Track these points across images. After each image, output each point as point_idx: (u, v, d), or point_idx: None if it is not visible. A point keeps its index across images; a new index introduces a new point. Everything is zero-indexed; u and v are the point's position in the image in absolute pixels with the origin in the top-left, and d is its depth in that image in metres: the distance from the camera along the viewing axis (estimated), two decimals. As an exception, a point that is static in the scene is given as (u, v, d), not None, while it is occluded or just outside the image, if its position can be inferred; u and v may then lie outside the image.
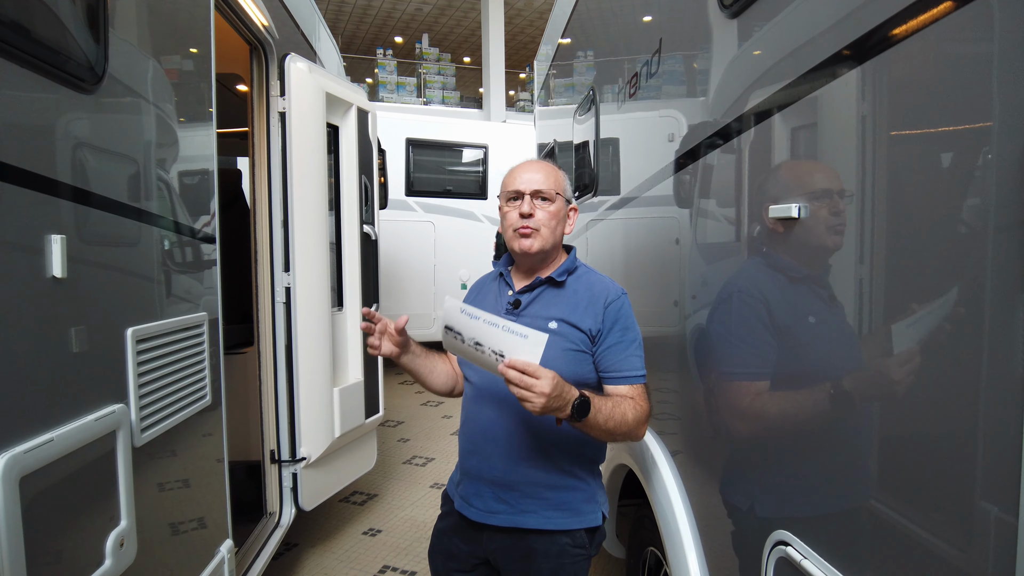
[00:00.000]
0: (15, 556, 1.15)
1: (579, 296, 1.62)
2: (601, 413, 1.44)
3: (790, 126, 1.28)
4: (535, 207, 1.61)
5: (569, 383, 1.39)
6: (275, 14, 2.89)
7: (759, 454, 1.44)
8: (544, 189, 1.62)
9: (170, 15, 1.95)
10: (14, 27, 1.20)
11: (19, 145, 1.23)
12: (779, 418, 1.33)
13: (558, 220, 1.64)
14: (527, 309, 1.64)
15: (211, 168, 2.16)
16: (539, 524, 1.59)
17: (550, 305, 1.63)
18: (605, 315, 1.59)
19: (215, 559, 2.14)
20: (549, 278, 1.65)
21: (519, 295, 1.66)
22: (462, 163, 8.31)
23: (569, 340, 1.57)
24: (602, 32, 3.14)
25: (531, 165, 1.69)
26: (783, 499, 1.33)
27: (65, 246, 1.31)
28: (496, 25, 13.32)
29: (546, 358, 1.35)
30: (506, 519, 1.60)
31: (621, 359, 1.59)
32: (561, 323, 1.58)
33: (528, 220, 1.61)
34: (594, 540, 1.66)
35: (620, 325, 1.60)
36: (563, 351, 1.56)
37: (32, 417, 1.25)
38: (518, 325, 1.34)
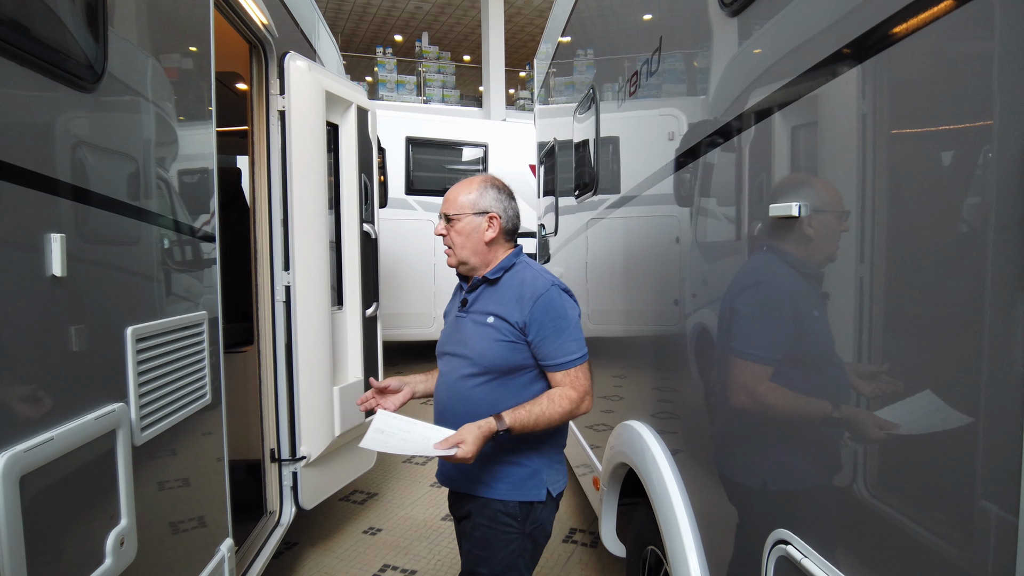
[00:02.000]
0: (15, 555, 1.15)
1: (511, 292, 1.83)
2: (526, 427, 1.71)
3: (790, 125, 1.28)
4: (446, 229, 1.89)
5: (506, 371, 1.78)
6: (274, 12, 2.88)
7: (761, 451, 1.44)
8: (449, 212, 1.88)
9: (169, 13, 1.94)
10: (13, 26, 1.20)
11: (18, 144, 1.22)
12: (786, 410, 1.33)
13: (466, 235, 1.87)
14: (472, 307, 1.88)
15: (211, 167, 2.16)
16: (481, 492, 1.83)
17: (488, 302, 1.85)
18: (532, 309, 1.77)
19: (215, 558, 2.14)
20: (484, 278, 1.88)
21: (467, 295, 1.91)
22: (462, 162, 8.30)
23: (501, 332, 1.79)
24: (602, 30, 3.14)
25: (452, 188, 1.92)
26: (784, 497, 1.33)
27: (65, 245, 1.31)
28: (496, 23, 13.31)
29: (481, 347, 1.79)
30: (460, 485, 1.88)
31: (555, 348, 1.78)
32: (496, 317, 1.81)
33: (444, 241, 1.90)
34: (529, 516, 1.83)
35: (550, 316, 1.78)
36: (495, 342, 1.79)
37: (32, 416, 1.25)
38: (433, 436, 1.67)
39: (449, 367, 1.89)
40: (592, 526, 3.71)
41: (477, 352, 1.81)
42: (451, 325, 1.95)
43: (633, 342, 2.53)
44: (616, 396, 2.74)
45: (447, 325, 1.99)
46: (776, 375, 1.33)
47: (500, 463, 1.82)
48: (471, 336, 1.84)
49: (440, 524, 3.76)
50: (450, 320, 1.97)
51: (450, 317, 1.98)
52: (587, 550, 3.46)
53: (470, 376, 1.82)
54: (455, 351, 1.88)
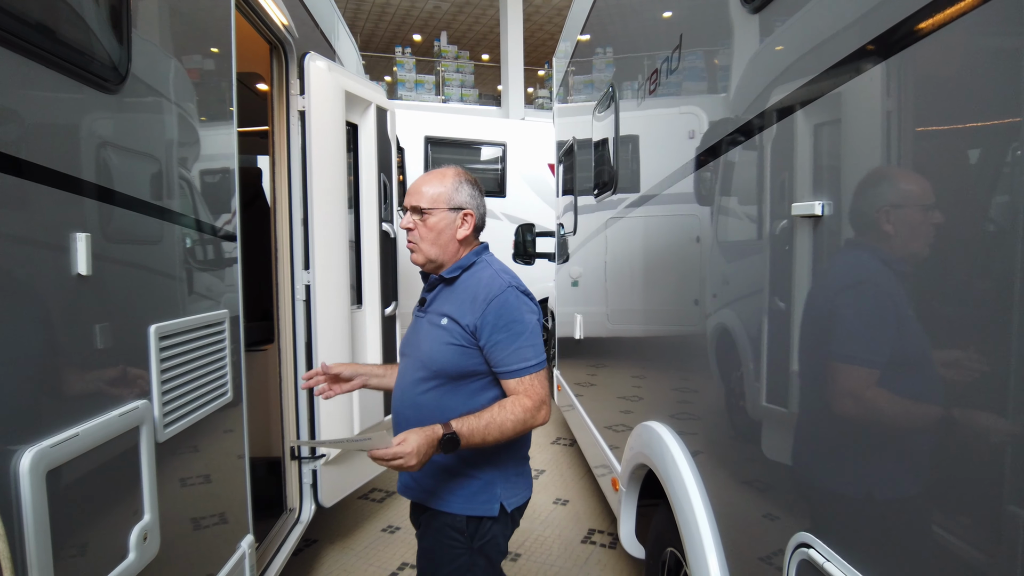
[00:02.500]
0: (42, 548, 1.17)
1: (466, 292, 1.72)
2: (475, 436, 1.58)
3: (813, 122, 1.26)
4: (414, 222, 1.75)
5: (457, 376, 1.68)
6: (295, 13, 2.90)
7: (784, 452, 1.43)
8: (419, 204, 1.74)
9: (191, 15, 1.97)
10: (40, 28, 1.22)
11: (45, 144, 1.24)
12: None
13: (438, 231, 1.74)
14: (429, 307, 1.80)
15: (232, 167, 2.18)
16: (432, 503, 1.76)
17: (444, 302, 1.76)
18: (485, 311, 1.66)
19: (236, 554, 2.16)
20: (441, 276, 1.78)
21: (426, 293, 1.83)
22: (480, 161, 8.30)
23: (452, 335, 1.68)
24: (621, 28, 3.12)
25: (419, 180, 1.79)
26: (807, 500, 1.31)
27: (90, 244, 1.33)
28: (514, 22, 13.30)
29: (431, 350, 1.69)
30: (413, 494, 1.80)
31: (508, 354, 1.65)
32: (449, 319, 1.70)
33: (410, 235, 1.76)
34: (478, 531, 1.72)
35: (504, 320, 1.65)
36: (445, 345, 1.68)
37: (58, 412, 1.27)
38: (358, 435, 1.61)
39: (404, 370, 1.81)
40: (611, 527, 3.70)
41: (428, 355, 1.71)
42: (411, 325, 1.89)
43: (652, 342, 2.52)
44: (635, 397, 2.73)
45: (410, 324, 1.91)
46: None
47: (454, 475, 1.73)
48: (424, 338, 1.75)
49: (458, 523, 3.77)
50: (412, 319, 1.91)
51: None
52: (606, 551, 3.45)
53: (421, 380, 1.72)
54: (409, 352, 1.82)
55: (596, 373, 3.69)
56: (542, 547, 3.48)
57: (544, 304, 7.84)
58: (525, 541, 3.54)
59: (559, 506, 4.01)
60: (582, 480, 4.40)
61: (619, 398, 3.03)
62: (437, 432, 1.55)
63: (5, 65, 1.13)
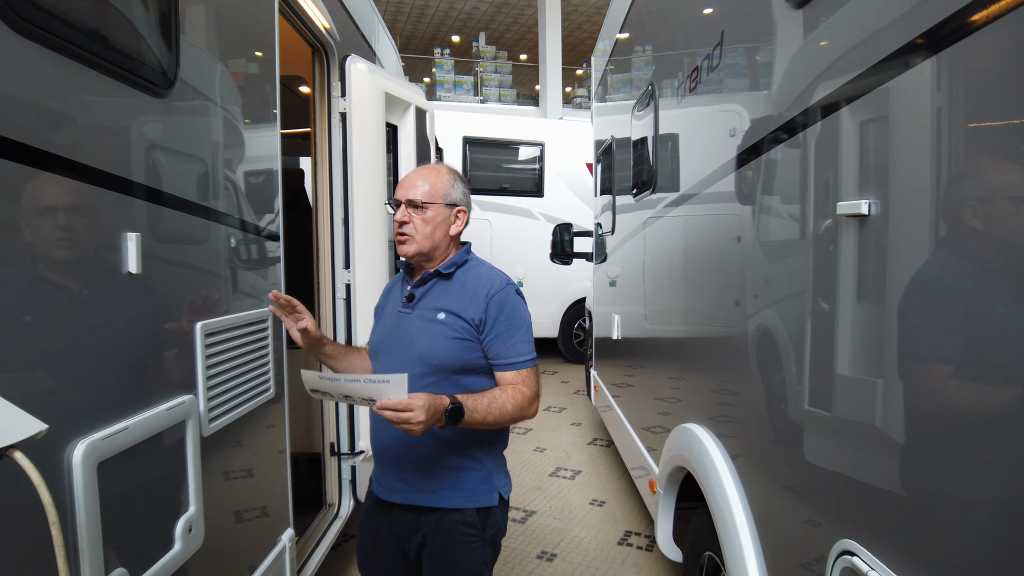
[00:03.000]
0: (93, 537, 1.21)
1: (466, 288, 1.74)
2: (477, 412, 1.59)
3: (859, 119, 1.23)
4: (409, 215, 1.74)
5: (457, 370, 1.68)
6: (336, 16, 2.95)
7: (827, 456, 1.39)
8: (416, 198, 1.74)
9: (236, 20, 2.01)
10: (94, 36, 1.26)
11: (98, 147, 1.29)
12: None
13: (434, 225, 1.75)
14: (419, 302, 1.77)
15: (275, 168, 2.23)
16: (434, 502, 1.71)
17: (439, 297, 1.75)
18: (488, 306, 1.70)
19: (277, 547, 2.21)
20: (437, 271, 1.77)
21: (414, 289, 1.79)
22: (518, 161, 8.32)
23: (454, 329, 1.70)
24: (661, 26, 3.09)
25: (414, 174, 1.80)
26: (851, 506, 1.28)
27: (140, 243, 1.38)
28: (553, 21, 13.27)
29: (431, 345, 1.68)
30: (405, 497, 1.73)
31: (507, 347, 1.71)
32: (448, 314, 1.71)
33: (404, 227, 1.74)
34: (488, 521, 1.74)
35: (505, 315, 1.71)
36: (449, 339, 1.69)
37: (109, 406, 1.32)
38: (377, 376, 1.47)
39: (388, 366, 1.74)
40: (648, 529, 3.66)
41: (427, 350, 1.69)
42: (390, 321, 1.82)
43: (691, 343, 2.49)
44: (673, 398, 2.70)
45: (383, 321, 1.86)
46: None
47: (450, 468, 1.71)
48: (418, 333, 1.72)
49: (494, 522, 3.78)
50: (387, 316, 1.85)
51: (386, 312, 1.86)
52: (642, 553, 3.42)
53: (418, 376, 1.65)
54: (396, 349, 1.76)
55: (633, 374, 3.66)
56: (578, 548, 3.47)
57: (581, 304, 7.81)
58: (561, 541, 3.53)
59: (595, 507, 3.99)
60: (619, 481, 4.37)
61: (657, 399, 3.00)
62: (444, 401, 1.53)
63: (62, 71, 1.17)
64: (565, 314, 8.17)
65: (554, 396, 6.72)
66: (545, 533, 3.64)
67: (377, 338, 1.85)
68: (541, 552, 3.41)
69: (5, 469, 1.01)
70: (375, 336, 1.86)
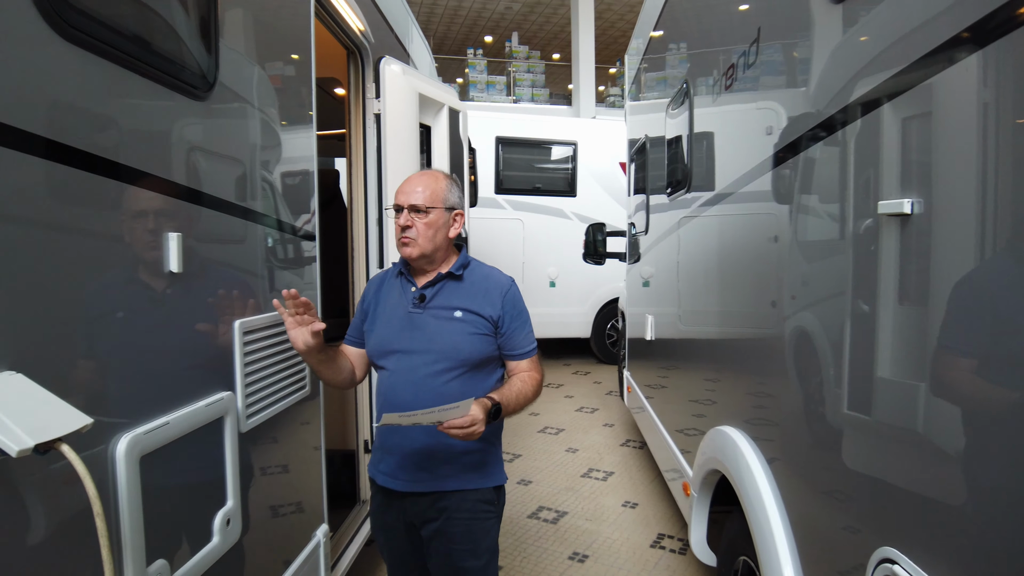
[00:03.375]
0: (135, 529, 1.24)
1: (477, 287, 1.88)
2: (510, 406, 1.78)
3: (901, 116, 1.20)
4: (411, 220, 1.83)
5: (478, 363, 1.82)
6: (370, 18, 2.98)
7: (867, 461, 1.36)
8: (419, 203, 1.83)
9: (273, 24, 2.05)
10: (138, 41, 1.30)
11: (140, 149, 1.32)
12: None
13: (436, 228, 1.85)
14: (432, 301, 1.85)
15: (311, 169, 2.26)
16: (456, 485, 1.83)
17: (452, 297, 1.86)
18: (504, 303, 1.86)
19: (311, 542, 2.24)
20: (449, 273, 1.87)
21: (424, 290, 1.86)
22: (551, 160, 8.30)
23: (474, 326, 1.83)
24: (696, 23, 3.05)
25: (413, 179, 1.89)
26: (892, 513, 1.25)
27: (181, 243, 1.41)
28: (586, 20, 13.22)
29: (454, 342, 1.80)
30: (430, 485, 1.83)
31: (522, 337, 1.89)
32: (465, 312, 1.83)
33: (407, 231, 1.83)
34: (499, 498, 1.92)
35: (517, 310, 1.89)
36: (470, 335, 1.82)
37: (150, 401, 1.35)
38: (447, 405, 1.60)
39: (406, 364, 1.81)
40: (681, 532, 3.63)
41: (450, 347, 1.79)
42: (398, 321, 1.85)
43: (726, 345, 2.45)
44: (708, 400, 2.66)
45: (388, 321, 1.87)
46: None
47: (469, 453, 1.83)
48: (437, 332, 1.81)
49: (527, 521, 3.78)
50: (393, 315, 1.87)
51: (387, 312, 1.89)
52: (675, 556, 3.38)
53: (442, 371, 1.78)
54: (413, 348, 1.81)
55: (667, 375, 3.63)
56: (610, 550, 3.45)
57: (614, 305, 7.77)
58: (593, 543, 3.52)
59: (628, 509, 3.96)
60: (652, 483, 4.33)
61: (691, 401, 2.97)
62: (487, 404, 1.68)
63: (106, 75, 1.21)
64: (598, 314, 8.13)
65: (586, 397, 6.69)
66: (577, 534, 3.63)
67: (386, 337, 1.87)
68: (573, 553, 3.40)
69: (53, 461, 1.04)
70: (381, 335, 1.88)
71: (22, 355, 1.01)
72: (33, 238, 1.05)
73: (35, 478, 1.04)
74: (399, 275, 1.93)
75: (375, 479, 1.92)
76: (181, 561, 1.42)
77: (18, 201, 1.02)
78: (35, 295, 1.05)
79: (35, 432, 0.92)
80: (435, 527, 1.84)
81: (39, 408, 0.97)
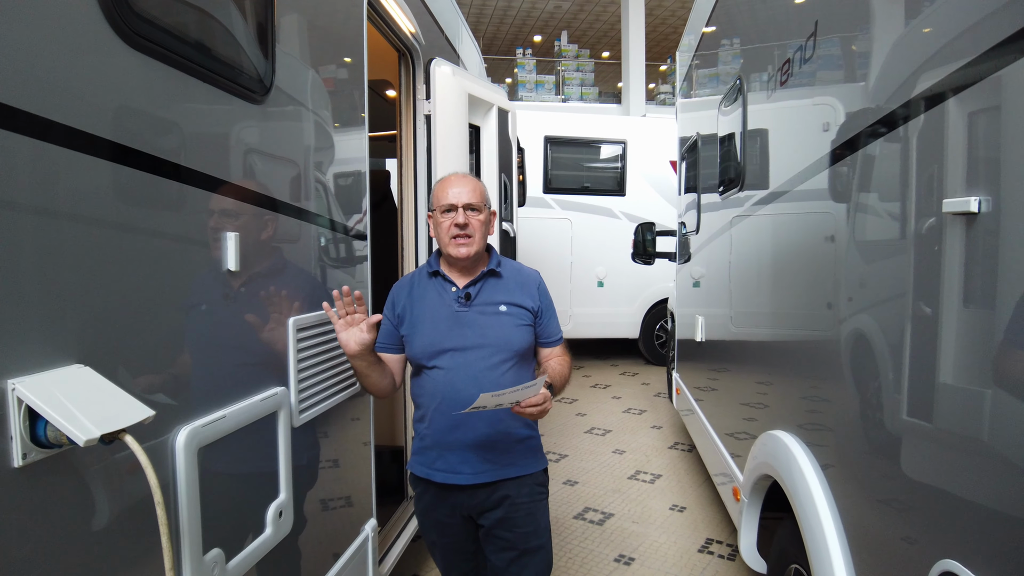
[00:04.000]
0: (193, 517, 1.29)
1: (512, 281, 1.98)
2: (557, 385, 1.91)
3: (968, 111, 1.15)
4: (468, 217, 1.89)
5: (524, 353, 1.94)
6: (421, 20, 3.01)
7: (928, 470, 1.31)
8: (474, 202, 1.91)
9: (327, 28, 2.09)
10: (199, 47, 1.34)
11: (200, 152, 1.37)
12: None
13: (486, 227, 1.96)
14: (477, 298, 1.93)
15: (363, 170, 2.30)
16: (516, 472, 1.92)
17: (494, 292, 1.95)
18: (538, 293, 2.00)
19: (360, 536, 2.28)
20: (491, 270, 1.96)
21: (468, 289, 1.93)
22: (600, 159, 8.24)
23: (519, 318, 1.93)
24: (750, 18, 2.98)
25: (457, 180, 1.95)
26: (954, 524, 1.19)
27: (238, 242, 1.45)
28: (636, 17, 13.08)
29: (506, 334, 1.90)
30: (493, 474, 1.90)
31: (553, 326, 2.03)
32: (509, 305, 1.93)
33: (465, 230, 1.89)
34: (546, 478, 2.02)
35: (548, 300, 2.03)
36: (516, 327, 1.92)
37: (209, 395, 1.40)
38: (523, 384, 1.67)
39: (461, 361, 1.86)
40: (730, 538, 3.55)
41: (503, 339, 1.89)
42: (445, 320, 1.89)
43: (779, 347, 2.39)
44: (760, 404, 2.60)
45: (435, 322, 1.90)
46: None
47: (522, 440, 1.94)
48: (488, 326, 1.89)
49: (572, 522, 3.77)
50: (438, 316, 1.90)
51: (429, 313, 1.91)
52: (724, 562, 3.32)
53: (499, 364, 1.88)
54: (468, 344, 1.87)
55: (717, 377, 3.56)
56: (657, 553, 3.40)
57: (663, 305, 7.66)
58: (640, 546, 3.48)
59: (676, 512, 3.90)
60: (700, 487, 4.26)
61: (742, 404, 2.91)
62: (546, 382, 1.79)
63: (169, 81, 1.25)
64: (646, 315, 8.03)
65: (634, 398, 6.63)
66: (623, 536, 3.59)
67: (435, 338, 1.89)
68: (619, 555, 3.37)
69: (117, 451, 1.09)
70: (429, 336, 1.90)
71: (90, 349, 1.06)
72: (100, 239, 1.10)
73: (100, 467, 1.09)
74: (432, 276, 1.96)
75: (430, 478, 1.93)
76: (235, 551, 1.47)
77: (86, 203, 1.06)
78: (102, 293, 1.10)
79: (101, 423, 0.97)
80: (497, 515, 1.92)
81: (105, 400, 1.02)
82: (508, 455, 1.91)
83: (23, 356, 0.95)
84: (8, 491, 0.93)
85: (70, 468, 1.03)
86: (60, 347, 1.01)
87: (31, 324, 0.96)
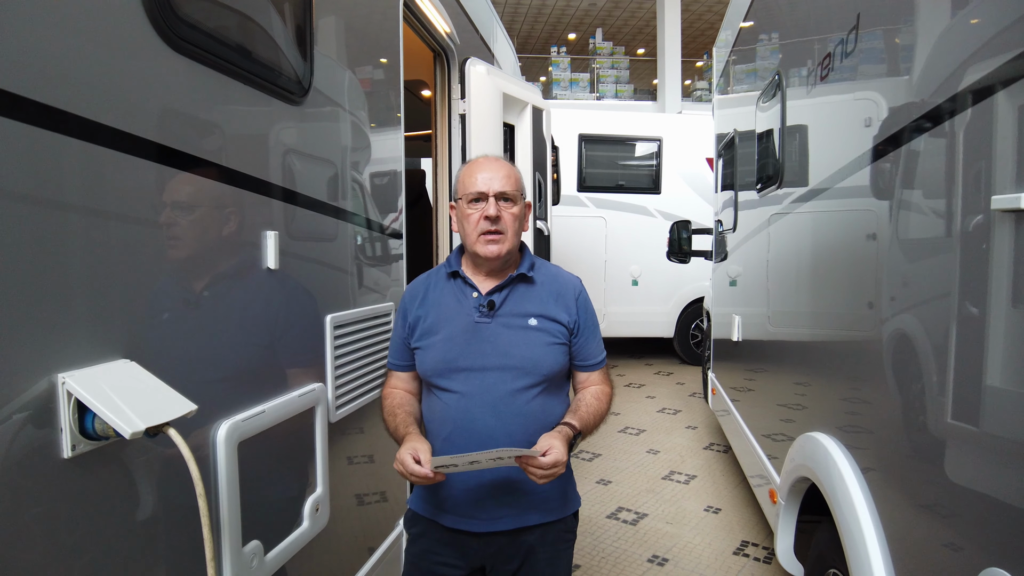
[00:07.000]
0: (233, 509, 1.32)
1: (547, 289, 1.61)
2: (587, 430, 1.56)
3: (1019, 104, 1.11)
4: (500, 209, 1.54)
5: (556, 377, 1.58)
6: (456, 20, 3.03)
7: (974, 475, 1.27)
8: (508, 190, 1.56)
9: (364, 29, 2.12)
10: (240, 50, 1.37)
11: (241, 152, 1.40)
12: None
13: (521, 221, 1.60)
14: (502, 308, 1.57)
15: (399, 169, 2.32)
16: (540, 519, 1.59)
17: (523, 302, 1.59)
18: (578, 308, 1.62)
19: (394, 531, 2.31)
20: (521, 274, 1.60)
21: (491, 296, 1.57)
22: (635, 157, 8.17)
23: (551, 334, 1.57)
24: (789, 12, 2.93)
25: (491, 163, 1.59)
26: (1001, 531, 1.16)
27: (277, 241, 1.48)
28: (672, 13, 12.94)
29: (533, 355, 1.54)
30: (511, 522, 1.57)
31: (593, 347, 1.65)
32: (541, 318, 1.57)
33: (497, 224, 1.53)
34: (576, 523, 1.70)
35: (589, 314, 1.64)
36: (548, 346, 1.56)
37: (248, 390, 1.43)
38: (518, 449, 1.39)
39: (479, 385, 1.52)
40: (766, 540, 3.50)
41: (529, 360, 1.53)
42: (462, 334, 1.55)
43: (818, 347, 2.35)
44: (798, 405, 2.56)
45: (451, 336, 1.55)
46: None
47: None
48: (512, 344, 1.53)
49: (605, 522, 3.75)
50: (455, 328, 1.56)
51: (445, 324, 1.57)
52: (760, 565, 3.27)
53: (523, 389, 1.52)
54: (487, 364, 1.52)
55: (754, 378, 3.50)
56: (691, 554, 3.37)
57: (699, 304, 7.57)
58: (673, 547, 3.45)
59: (711, 514, 3.86)
60: (736, 489, 4.20)
61: (779, 405, 2.86)
62: (568, 434, 1.48)
63: (211, 83, 1.28)
64: (682, 314, 7.95)
65: (669, 398, 6.56)
66: (657, 537, 3.56)
67: (448, 354, 1.55)
68: (652, 556, 3.35)
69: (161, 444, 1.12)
70: (442, 352, 1.55)
71: (135, 345, 1.09)
72: (144, 237, 1.14)
73: (145, 459, 1.12)
74: (451, 277, 1.62)
75: (436, 519, 1.59)
76: (273, 543, 1.50)
77: (132, 203, 1.10)
78: (147, 291, 1.13)
79: (146, 416, 1.00)
80: (513, 568, 1.59)
81: (150, 394, 1.05)
82: (529, 497, 1.56)
83: (72, 351, 0.98)
84: (59, 481, 0.96)
85: (116, 460, 1.07)
86: (107, 342, 1.04)
87: (80, 320, 1.00)
